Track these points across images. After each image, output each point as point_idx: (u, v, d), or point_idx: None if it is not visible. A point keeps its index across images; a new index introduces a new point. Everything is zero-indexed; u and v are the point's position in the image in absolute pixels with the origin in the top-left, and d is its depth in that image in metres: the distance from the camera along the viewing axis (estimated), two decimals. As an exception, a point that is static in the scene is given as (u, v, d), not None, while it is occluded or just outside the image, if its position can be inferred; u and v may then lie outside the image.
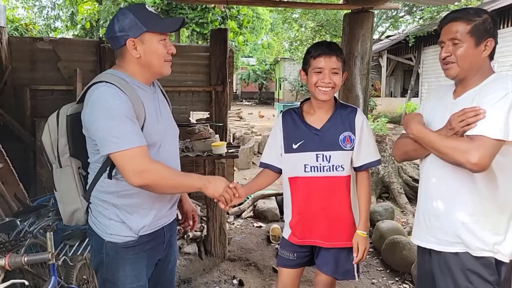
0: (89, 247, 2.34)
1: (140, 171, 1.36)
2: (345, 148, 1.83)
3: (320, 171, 1.83)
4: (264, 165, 1.99)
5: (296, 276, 2.04)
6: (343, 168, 1.83)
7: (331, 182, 1.83)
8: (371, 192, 2.00)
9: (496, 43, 1.51)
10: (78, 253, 2.37)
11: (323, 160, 1.82)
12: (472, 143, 1.37)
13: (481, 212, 1.47)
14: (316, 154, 1.83)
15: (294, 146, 1.87)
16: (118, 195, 1.49)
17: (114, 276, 1.53)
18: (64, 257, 2.22)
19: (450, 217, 1.52)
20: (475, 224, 1.47)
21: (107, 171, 1.46)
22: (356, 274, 1.97)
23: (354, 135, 1.84)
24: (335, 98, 1.92)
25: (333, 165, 1.82)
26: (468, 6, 1.60)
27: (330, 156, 1.82)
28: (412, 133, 1.56)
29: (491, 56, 1.52)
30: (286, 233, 1.98)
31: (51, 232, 1.98)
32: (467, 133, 1.41)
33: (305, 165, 1.85)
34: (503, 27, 11.74)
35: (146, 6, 1.52)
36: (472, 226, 1.48)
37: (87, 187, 1.54)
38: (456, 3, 11.17)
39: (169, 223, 1.67)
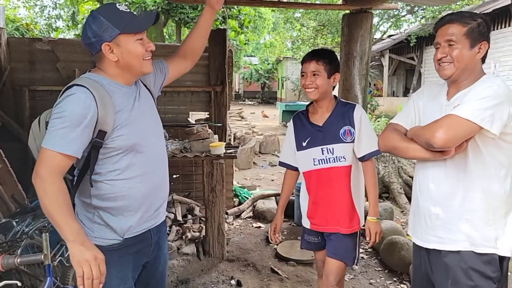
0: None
1: (36, 173, 1.33)
2: (346, 141, 2.06)
3: (326, 162, 2.08)
4: (282, 164, 2.30)
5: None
6: (345, 159, 2.07)
7: (336, 171, 2.08)
8: (377, 179, 2.18)
9: (488, 46, 1.55)
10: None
11: (328, 153, 2.07)
12: (440, 121, 1.44)
13: (484, 208, 1.49)
14: (321, 148, 2.08)
15: (304, 144, 2.13)
16: (102, 198, 1.48)
17: None
18: (60, 257, 2.22)
19: (453, 214, 1.53)
20: (479, 220, 1.49)
21: (87, 175, 1.46)
22: (355, 262, 2.19)
23: (354, 129, 2.06)
24: (336, 97, 2.16)
25: (336, 157, 2.07)
26: (462, 10, 1.62)
27: (333, 148, 2.06)
28: (410, 130, 1.62)
29: (483, 59, 1.56)
30: (307, 224, 2.23)
31: (47, 233, 1.98)
32: None
33: (313, 159, 2.10)
34: (505, 27, 11.67)
35: (117, 4, 1.46)
36: (477, 223, 1.50)
37: (71, 191, 1.53)
38: (457, 3, 11.14)
39: (157, 226, 1.65)
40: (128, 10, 1.47)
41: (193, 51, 1.84)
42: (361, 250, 3.83)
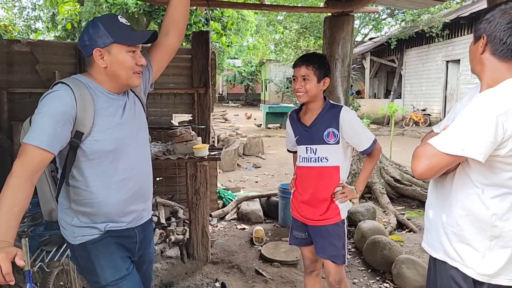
0: (66, 253, 2.32)
1: (14, 165, 1.33)
2: (329, 142, 2.14)
3: (309, 161, 2.19)
4: (289, 151, 2.48)
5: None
6: (327, 160, 2.16)
7: (316, 171, 2.18)
8: (374, 166, 2.31)
9: (491, 39, 1.34)
10: (55, 259, 2.33)
11: (311, 153, 2.18)
12: (419, 150, 1.35)
13: (461, 225, 1.40)
14: (306, 147, 2.20)
15: (296, 140, 2.27)
16: (80, 203, 1.51)
17: (93, 274, 1.55)
18: (40, 263, 2.18)
19: (436, 222, 1.50)
20: (454, 236, 1.42)
21: (66, 178, 1.48)
22: (345, 260, 2.27)
23: (338, 131, 2.13)
24: (325, 98, 2.24)
25: (318, 157, 2.16)
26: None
27: (316, 149, 2.16)
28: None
29: (501, 58, 1.34)
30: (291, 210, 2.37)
31: (26, 238, 1.94)
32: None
33: (299, 156, 2.25)
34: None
35: (119, 17, 1.52)
36: (451, 237, 1.43)
37: (56, 192, 1.57)
38: (436, 6, 11.38)
39: (142, 224, 1.67)
40: (128, 24, 1.52)
41: (174, 23, 1.75)
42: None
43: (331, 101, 2.22)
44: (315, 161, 2.17)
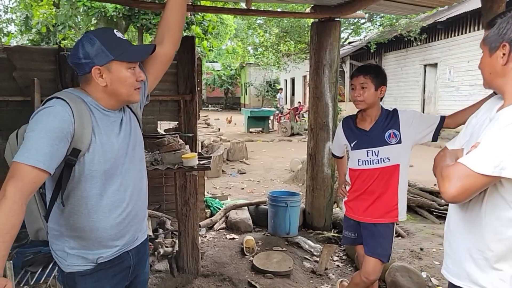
0: (53, 273, 2.20)
1: (5, 187, 1.19)
2: (391, 143, 2.30)
3: (370, 164, 2.33)
4: (335, 156, 2.74)
5: None
6: (389, 160, 2.31)
7: (378, 171, 2.33)
8: None
9: None
10: (41, 281, 2.19)
11: (372, 155, 2.32)
12: (449, 170, 1.25)
13: (493, 250, 1.31)
14: (367, 151, 2.35)
15: (351, 145, 2.43)
16: (71, 227, 1.42)
17: None
18: (26, 286, 2.04)
19: (460, 247, 1.39)
20: (485, 261, 1.32)
21: (58, 198, 1.38)
22: (389, 259, 2.45)
23: (399, 131, 2.29)
24: (381, 107, 2.40)
25: (380, 158, 2.31)
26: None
27: (378, 151, 2.31)
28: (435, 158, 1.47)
29: None
30: (344, 210, 2.57)
31: (11, 261, 1.82)
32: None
33: (358, 159, 2.39)
34: (458, 35, 12.30)
35: (114, 31, 1.43)
36: (482, 263, 1.33)
37: (46, 213, 1.47)
38: (420, 14, 11.60)
39: (137, 246, 1.59)
40: (125, 38, 1.44)
41: (169, 30, 1.65)
42: (336, 258, 3.85)
43: (382, 107, 2.40)
44: (378, 162, 2.31)
